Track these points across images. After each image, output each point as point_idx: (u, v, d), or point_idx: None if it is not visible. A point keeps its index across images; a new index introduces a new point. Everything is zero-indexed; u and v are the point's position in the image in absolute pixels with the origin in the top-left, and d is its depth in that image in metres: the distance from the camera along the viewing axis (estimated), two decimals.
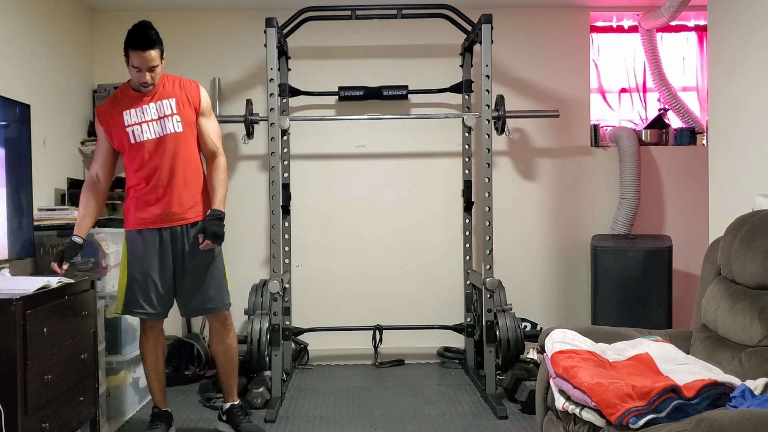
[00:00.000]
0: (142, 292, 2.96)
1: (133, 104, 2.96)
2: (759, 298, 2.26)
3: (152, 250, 2.97)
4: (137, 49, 2.87)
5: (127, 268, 2.99)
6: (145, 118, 2.96)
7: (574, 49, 4.54)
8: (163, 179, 2.94)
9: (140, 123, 2.96)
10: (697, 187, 4.32)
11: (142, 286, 2.96)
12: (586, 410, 2.03)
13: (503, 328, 3.54)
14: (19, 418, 2.18)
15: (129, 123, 2.95)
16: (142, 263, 2.96)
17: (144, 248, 2.96)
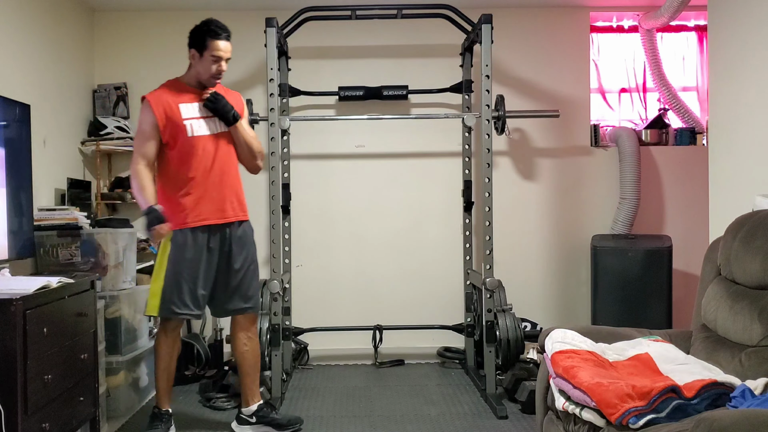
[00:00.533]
0: (189, 291, 2.95)
1: (191, 99, 2.99)
2: (759, 298, 2.26)
3: (202, 250, 2.97)
4: (219, 38, 2.95)
5: (171, 268, 2.94)
6: (202, 114, 2.99)
7: (574, 49, 4.54)
8: (215, 177, 2.96)
9: (198, 118, 2.97)
10: (697, 187, 4.32)
11: (189, 285, 2.95)
12: (586, 410, 2.03)
13: (503, 328, 3.54)
14: (19, 418, 2.18)
15: (186, 116, 2.95)
16: (192, 263, 2.95)
17: (195, 248, 2.95)
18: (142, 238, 4.15)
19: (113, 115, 4.34)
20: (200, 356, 4.09)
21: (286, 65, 4.24)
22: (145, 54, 4.45)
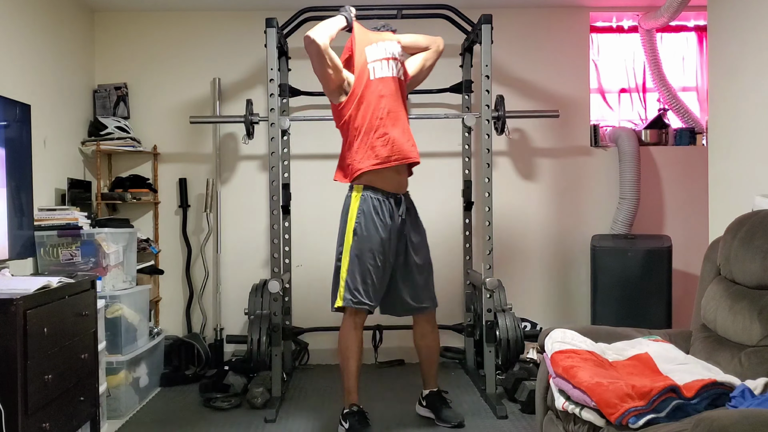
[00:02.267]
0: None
1: (373, 40, 3.09)
2: (759, 298, 2.26)
3: (385, 224, 3.05)
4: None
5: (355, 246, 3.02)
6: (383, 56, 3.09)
7: (574, 49, 4.55)
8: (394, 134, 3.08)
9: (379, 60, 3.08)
10: (696, 187, 4.32)
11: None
12: (585, 410, 2.03)
13: (503, 328, 3.54)
14: (19, 418, 2.18)
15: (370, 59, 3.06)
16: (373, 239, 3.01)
17: (380, 220, 3.03)
18: (143, 238, 4.16)
19: (113, 115, 4.34)
20: (200, 356, 4.10)
21: (286, 65, 4.24)
22: (145, 54, 4.46)
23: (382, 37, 3.16)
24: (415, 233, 3.19)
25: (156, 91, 4.45)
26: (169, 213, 4.47)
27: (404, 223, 3.15)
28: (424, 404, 3.35)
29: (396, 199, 3.12)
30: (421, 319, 3.28)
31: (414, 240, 3.18)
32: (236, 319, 4.40)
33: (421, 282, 3.20)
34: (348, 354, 3.08)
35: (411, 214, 3.21)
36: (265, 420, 3.30)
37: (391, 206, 3.09)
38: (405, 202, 3.17)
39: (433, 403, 3.30)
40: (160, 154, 4.44)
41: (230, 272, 4.48)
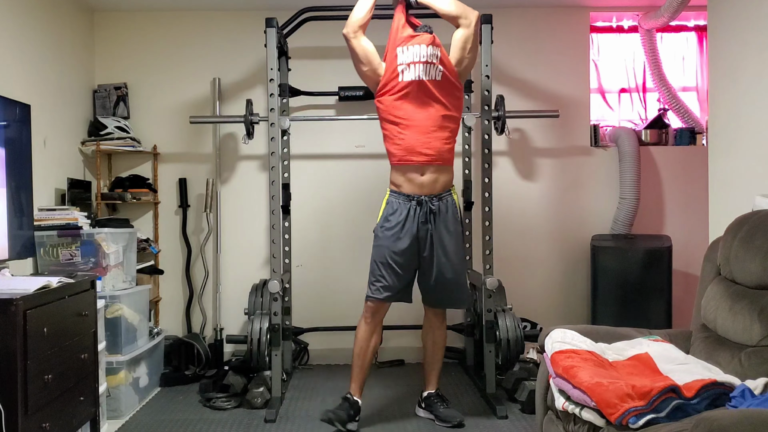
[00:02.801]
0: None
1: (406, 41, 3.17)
2: (759, 297, 2.26)
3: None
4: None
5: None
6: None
7: (574, 49, 4.55)
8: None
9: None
10: (697, 187, 4.32)
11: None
12: (585, 410, 2.03)
13: (503, 328, 3.54)
14: (19, 418, 2.18)
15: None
16: None
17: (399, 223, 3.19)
18: (143, 238, 4.16)
19: (113, 115, 4.34)
20: (200, 356, 4.10)
21: (286, 65, 4.24)
22: (145, 54, 4.46)
23: (417, 41, 3.18)
24: (445, 234, 3.16)
25: (156, 91, 4.45)
26: (169, 213, 4.47)
27: (430, 224, 3.13)
28: (423, 406, 3.37)
29: (419, 201, 3.13)
30: (430, 311, 3.37)
31: (443, 240, 3.15)
32: (236, 319, 4.40)
33: (444, 282, 3.19)
34: (355, 342, 3.27)
35: (441, 214, 3.16)
36: (265, 420, 3.30)
37: (414, 209, 3.13)
38: (431, 203, 3.14)
39: (432, 404, 3.32)
40: (160, 154, 4.44)
41: (230, 272, 4.48)
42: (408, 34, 3.21)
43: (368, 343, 3.24)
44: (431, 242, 3.14)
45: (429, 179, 3.15)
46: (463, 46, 3.17)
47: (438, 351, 3.37)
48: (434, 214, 3.14)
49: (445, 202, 3.18)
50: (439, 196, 3.17)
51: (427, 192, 3.15)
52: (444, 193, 3.18)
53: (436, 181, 3.16)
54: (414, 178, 3.15)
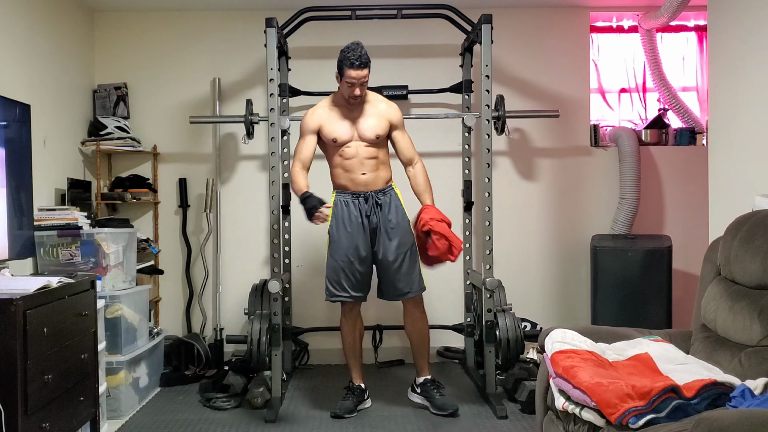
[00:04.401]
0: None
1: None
2: (759, 297, 2.26)
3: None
4: (353, 67, 3.23)
5: None
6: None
7: (574, 49, 4.54)
8: None
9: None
10: (697, 187, 4.32)
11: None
12: (585, 410, 2.03)
13: (503, 328, 3.54)
14: (19, 418, 2.18)
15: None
16: None
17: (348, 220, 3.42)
18: (142, 238, 4.16)
19: (113, 115, 4.34)
20: (200, 356, 4.10)
21: (286, 65, 4.24)
22: (145, 54, 4.46)
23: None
24: (389, 223, 3.37)
25: (156, 91, 4.45)
26: (169, 213, 4.47)
27: (375, 216, 3.37)
28: (418, 391, 3.50)
29: (364, 196, 3.37)
30: (408, 303, 3.48)
31: (389, 230, 3.36)
32: (236, 319, 4.40)
33: (399, 268, 3.37)
34: (342, 338, 3.53)
35: (384, 206, 3.38)
36: (265, 420, 3.30)
37: (359, 204, 3.38)
38: (375, 197, 3.38)
39: (428, 391, 3.44)
40: (160, 154, 4.44)
41: (230, 272, 4.48)
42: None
43: (354, 336, 3.51)
44: (380, 233, 3.37)
45: (368, 177, 3.39)
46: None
47: (423, 339, 3.51)
48: (380, 206, 3.38)
49: (387, 195, 3.41)
50: (380, 191, 3.40)
51: (371, 188, 3.39)
52: (381, 189, 3.41)
53: (371, 177, 3.39)
54: (356, 177, 3.40)
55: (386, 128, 3.41)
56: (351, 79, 3.24)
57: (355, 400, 3.43)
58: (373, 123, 3.38)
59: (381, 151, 3.43)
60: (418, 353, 3.52)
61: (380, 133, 3.39)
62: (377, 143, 3.40)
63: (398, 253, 3.36)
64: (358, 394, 3.47)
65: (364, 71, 3.25)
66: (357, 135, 3.38)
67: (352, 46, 3.25)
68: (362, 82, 3.27)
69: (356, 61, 3.22)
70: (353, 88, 3.27)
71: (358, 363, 3.54)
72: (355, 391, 3.48)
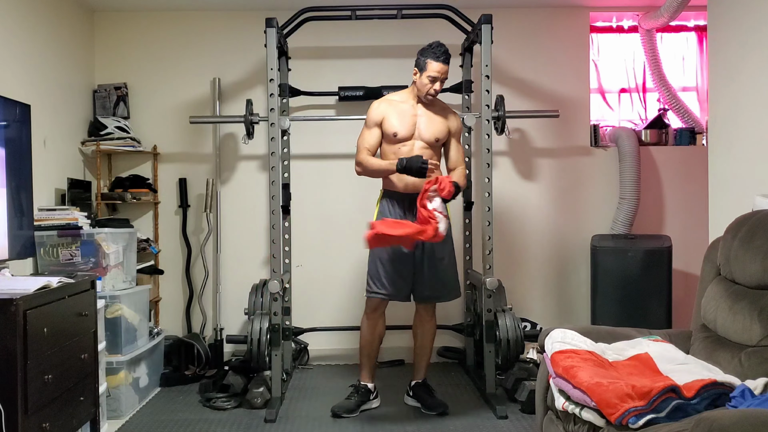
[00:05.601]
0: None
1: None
2: (759, 297, 2.26)
3: None
4: (438, 59, 3.24)
5: None
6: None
7: (574, 49, 4.54)
8: None
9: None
10: (696, 187, 4.32)
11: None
12: (585, 410, 2.03)
13: (503, 328, 3.54)
14: (19, 418, 2.18)
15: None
16: None
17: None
18: (143, 238, 4.16)
19: (113, 115, 4.34)
20: (200, 356, 4.10)
21: (286, 65, 4.24)
22: (145, 54, 4.46)
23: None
24: None
25: (156, 91, 4.45)
26: (169, 213, 4.47)
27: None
28: (410, 394, 3.54)
29: (411, 198, 3.32)
30: (420, 306, 3.52)
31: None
32: (236, 319, 4.40)
33: (436, 273, 3.39)
34: (361, 335, 3.52)
35: None
36: (265, 420, 3.30)
37: (405, 206, 3.37)
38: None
39: (419, 393, 3.49)
40: (160, 154, 4.44)
41: (230, 272, 4.48)
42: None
43: (373, 335, 3.49)
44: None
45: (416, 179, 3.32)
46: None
47: (427, 343, 3.54)
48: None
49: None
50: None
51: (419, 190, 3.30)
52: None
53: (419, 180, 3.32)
54: (406, 178, 3.35)
55: (446, 134, 3.41)
56: (434, 72, 3.24)
57: (357, 400, 3.43)
58: (435, 126, 3.37)
59: (435, 155, 3.41)
60: (419, 355, 3.54)
61: (440, 137, 3.38)
62: (434, 147, 3.39)
63: (438, 258, 3.38)
64: (363, 393, 3.47)
65: (446, 66, 3.27)
66: (417, 134, 3.36)
67: (436, 43, 3.28)
68: (442, 78, 3.28)
69: (441, 55, 3.24)
70: (434, 83, 3.26)
71: (371, 363, 3.52)
72: (360, 390, 3.48)
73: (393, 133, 3.35)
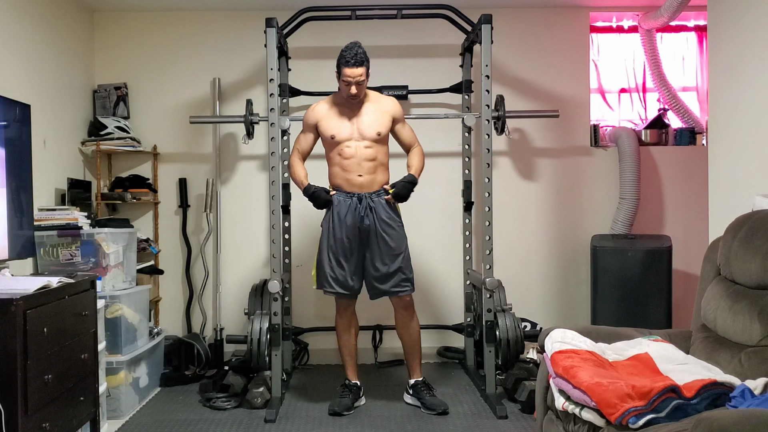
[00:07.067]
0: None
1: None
2: (759, 297, 2.26)
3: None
4: (348, 65, 3.27)
5: None
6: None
7: (574, 49, 4.54)
8: None
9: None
10: (696, 187, 4.32)
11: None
12: (585, 410, 2.03)
13: (503, 328, 3.54)
14: (19, 418, 2.18)
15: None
16: None
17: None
18: (143, 238, 4.16)
19: (113, 115, 4.34)
20: (200, 356, 4.10)
21: (286, 65, 4.24)
22: (145, 54, 4.46)
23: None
24: (382, 224, 3.41)
25: (156, 91, 4.45)
26: (169, 213, 4.47)
27: (367, 218, 3.39)
28: (410, 393, 3.54)
29: (358, 197, 3.40)
30: (398, 306, 3.53)
31: (380, 231, 3.40)
32: (236, 319, 4.40)
33: (388, 269, 3.42)
34: (337, 335, 3.61)
35: (377, 208, 3.41)
36: (265, 420, 3.31)
37: (353, 204, 3.41)
38: (369, 198, 3.40)
39: (419, 392, 3.49)
40: (160, 154, 4.44)
41: (230, 272, 4.48)
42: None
43: (348, 333, 3.57)
44: (371, 230, 3.40)
45: (363, 180, 3.41)
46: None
47: (415, 342, 3.56)
48: (373, 208, 3.40)
49: (383, 198, 3.44)
50: (378, 193, 3.43)
51: (365, 190, 3.42)
52: (381, 191, 3.44)
53: (367, 180, 3.42)
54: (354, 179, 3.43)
55: (388, 125, 3.43)
56: (346, 77, 3.28)
57: (352, 397, 3.48)
58: (374, 119, 3.39)
59: (381, 152, 3.43)
60: (409, 355, 3.57)
61: (381, 130, 3.40)
62: (378, 141, 3.40)
63: (389, 255, 3.41)
64: (354, 391, 3.52)
65: (359, 69, 3.27)
66: (357, 134, 3.38)
67: (349, 45, 3.31)
68: (358, 81, 3.29)
69: (351, 59, 3.26)
70: (349, 87, 3.30)
71: (353, 361, 3.58)
72: (351, 388, 3.53)
73: (330, 136, 3.40)
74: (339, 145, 3.39)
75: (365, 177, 3.39)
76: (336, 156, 3.42)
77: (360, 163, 3.38)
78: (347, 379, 3.57)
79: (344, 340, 3.56)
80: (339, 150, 3.40)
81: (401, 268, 3.44)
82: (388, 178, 3.48)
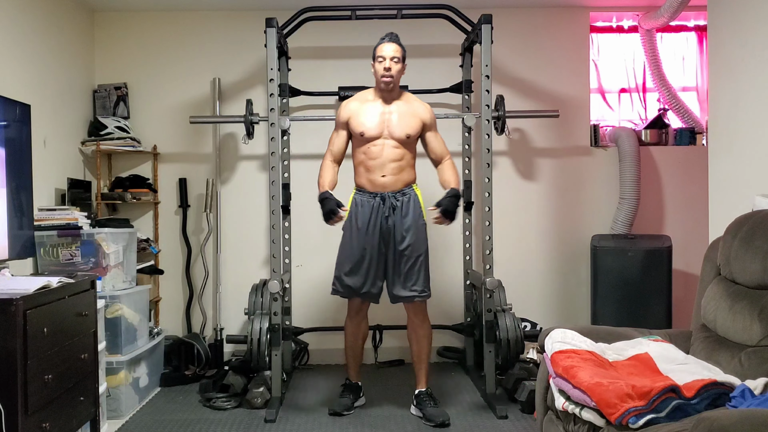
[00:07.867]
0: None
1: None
2: (759, 297, 2.26)
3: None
4: (382, 41, 3.29)
5: None
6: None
7: (574, 49, 4.54)
8: None
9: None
10: (696, 187, 4.32)
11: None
12: (585, 410, 2.03)
13: (503, 328, 3.54)
14: (19, 418, 2.18)
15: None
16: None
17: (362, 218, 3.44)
18: (143, 238, 4.16)
19: (113, 115, 4.34)
20: (200, 356, 4.10)
21: (286, 65, 4.24)
22: (145, 54, 4.46)
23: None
24: (404, 226, 3.35)
25: (156, 91, 4.45)
26: (169, 213, 4.47)
27: (391, 219, 3.35)
28: (414, 403, 3.44)
29: (381, 197, 3.35)
30: (409, 310, 3.46)
31: (403, 233, 3.34)
32: (236, 319, 4.40)
33: (406, 272, 3.36)
34: (345, 336, 3.57)
35: (400, 208, 3.35)
36: (265, 420, 3.31)
37: (375, 205, 3.36)
38: (392, 199, 3.35)
39: (422, 402, 3.39)
40: (160, 154, 4.44)
41: (230, 272, 4.48)
42: None
43: (356, 336, 3.53)
44: (393, 233, 3.35)
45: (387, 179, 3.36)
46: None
47: (423, 350, 3.46)
48: (396, 208, 3.35)
49: (404, 196, 3.38)
50: (397, 192, 3.37)
51: (388, 189, 3.36)
52: (399, 190, 3.38)
53: (391, 179, 3.36)
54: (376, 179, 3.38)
55: (418, 129, 3.37)
56: (380, 53, 3.27)
57: (352, 398, 3.48)
58: (405, 120, 3.34)
59: (408, 153, 3.37)
60: (416, 363, 3.49)
61: (411, 132, 3.35)
62: (406, 144, 3.35)
63: (408, 257, 3.34)
64: (354, 391, 3.52)
65: (393, 45, 3.27)
66: (387, 132, 3.33)
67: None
68: (393, 57, 3.26)
69: (386, 37, 3.29)
70: (382, 62, 3.25)
71: (357, 363, 3.56)
72: (352, 388, 3.52)
73: (360, 132, 3.34)
74: (366, 143, 3.33)
75: (389, 177, 3.34)
76: (361, 155, 3.37)
77: (385, 164, 3.32)
78: (348, 379, 3.56)
79: (350, 342, 3.53)
80: (365, 149, 3.35)
81: (420, 273, 3.36)
82: (414, 177, 3.43)
